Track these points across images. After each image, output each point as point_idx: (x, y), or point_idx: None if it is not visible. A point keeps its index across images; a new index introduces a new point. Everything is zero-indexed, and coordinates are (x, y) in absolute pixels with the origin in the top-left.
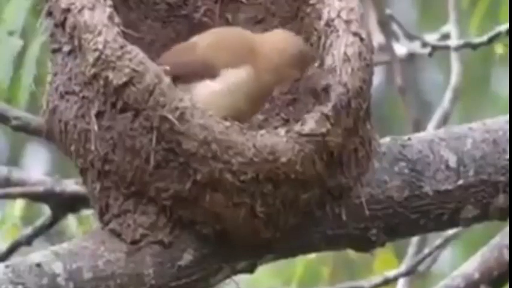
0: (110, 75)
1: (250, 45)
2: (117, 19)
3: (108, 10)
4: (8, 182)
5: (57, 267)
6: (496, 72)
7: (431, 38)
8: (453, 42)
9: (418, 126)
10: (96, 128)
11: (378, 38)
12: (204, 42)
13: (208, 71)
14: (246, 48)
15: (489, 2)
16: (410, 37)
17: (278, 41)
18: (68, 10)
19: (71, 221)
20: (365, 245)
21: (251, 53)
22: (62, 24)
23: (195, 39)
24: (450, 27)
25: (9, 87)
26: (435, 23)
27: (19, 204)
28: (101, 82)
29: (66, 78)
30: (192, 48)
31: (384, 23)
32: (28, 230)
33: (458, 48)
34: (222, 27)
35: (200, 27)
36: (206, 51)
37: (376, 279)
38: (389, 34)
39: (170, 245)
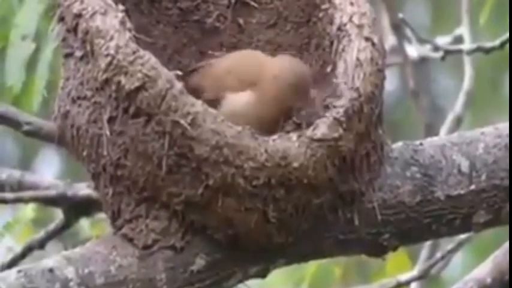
0: (122, 80)
1: (259, 72)
2: (129, 24)
3: (120, 15)
4: (20, 186)
5: (70, 272)
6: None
7: (444, 41)
8: (466, 46)
9: (430, 131)
10: (108, 133)
11: (390, 41)
12: (217, 69)
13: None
14: (254, 75)
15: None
16: (423, 41)
17: (277, 68)
18: (80, 15)
19: (83, 223)
20: (377, 250)
21: (257, 80)
22: (74, 30)
23: (213, 63)
24: (463, 31)
25: (22, 91)
26: (448, 26)
27: (31, 207)
28: (113, 87)
29: (78, 83)
30: (207, 74)
31: (397, 26)
32: (41, 234)
33: (470, 52)
34: (241, 51)
35: (212, 32)
36: (217, 78)
37: (389, 283)
38: (401, 38)
39: (182, 250)
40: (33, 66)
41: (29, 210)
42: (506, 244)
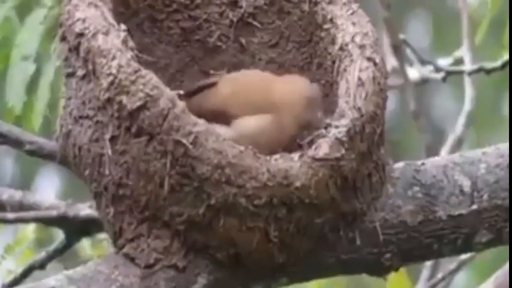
0: (124, 99)
1: (271, 94)
2: (131, 43)
3: (122, 34)
4: (21, 206)
5: None
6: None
7: (445, 62)
8: (467, 67)
9: (431, 151)
10: (110, 152)
11: (391, 62)
12: (225, 90)
13: (222, 120)
14: (264, 96)
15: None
16: (424, 62)
17: (289, 87)
18: (81, 35)
19: (84, 243)
20: (379, 269)
21: (268, 101)
22: (75, 49)
23: (219, 83)
24: (463, 52)
25: (23, 111)
26: (448, 48)
27: (32, 228)
28: (115, 106)
29: (80, 102)
30: (213, 95)
31: (397, 47)
32: (41, 254)
33: (471, 73)
34: (244, 72)
35: (214, 52)
36: (225, 100)
37: None
38: (402, 59)
39: (184, 269)
40: (34, 86)
41: (29, 232)
42: (508, 264)
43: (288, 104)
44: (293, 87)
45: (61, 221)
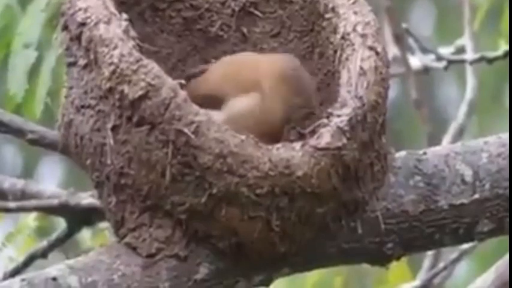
0: (126, 89)
1: (257, 73)
2: (132, 33)
3: (124, 24)
4: (23, 195)
5: (73, 281)
6: None
7: (447, 51)
8: (468, 56)
9: (433, 140)
10: (112, 141)
11: (392, 51)
12: (213, 75)
13: (215, 104)
14: (252, 76)
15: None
16: (426, 51)
17: (276, 65)
18: (83, 24)
19: (85, 233)
20: (381, 259)
21: (257, 81)
22: (77, 38)
23: (209, 69)
24: (465, 41)
25: (24, 99)
26: (450, 37)
27: (33, 217)
28: (117, 96)
29: (82, 91)
30: (202, 81)
31: (399, 37)
32: (43, 243)
33: (473, 62)
34: (232, 56)
35: (216, 41)
36: (214, 85)
37: None
38: (404, 47)
39: (186, 259)
40: (36, 74)
41: (30, 220)
42: (509, 254)
43: (270, 84)
44: (272, 66)
45: (63, 210)
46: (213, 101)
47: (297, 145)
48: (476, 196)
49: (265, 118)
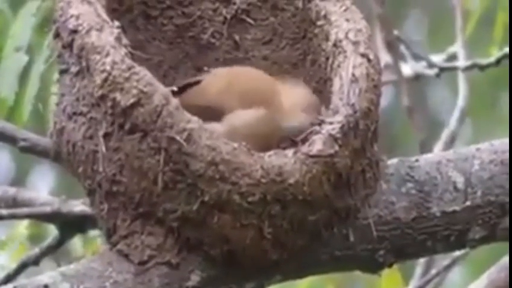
0: (118, 96)
1: (265, 92)
2: (124, 40)
3: (116, 31)
4: (15, 202)
5: None
6: (504, 92)
7: (439, 58)
8: (461, 63)
9: (425, 147)
10: (104, 149)
11: (384, 58)
12: (214, 87)
13: (214, 117)
14: (259, 94)
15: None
16: (418, 58)
17: (301, 93)
18: (75, 31)
19: (76, 241)
20: (373, 266)
21: (264, 99)
22: (69, 46)
23: (207, 79)
24: (457, 48)
25: (14, 102)
26: (442, 44)
27: (25, 224)
28: (109, 103)
29: (74, 99)
30: (202, 92)
31: (391, 44)
32: (35, 251)
33: (465, 69)
34: (235, 68)
35: (208, 49)
36: (215, 96)
37: None
38: (396, 55)
39: (178, 266)
40: (26, 78)
41: (22, 228)
42: (502, 261)
43: (292, 104)
44: (299, 91)
45: (55, 217)
46: (212, 113)
47: (289, 152)
48: (468, 203)
49: (269, 135)
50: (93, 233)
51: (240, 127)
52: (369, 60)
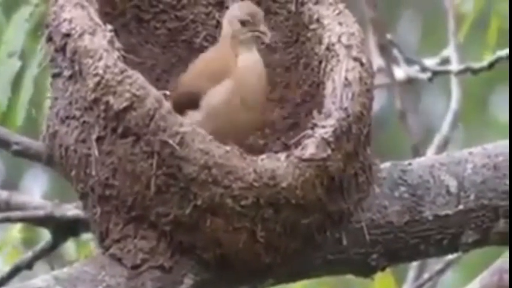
0: (111, 99)
1: (227, 61)
2: (117, 44)
3: (109, 35)
4: (8, 206)
5: None
6: (496, 96)
7: (432, 62)
8: (453, 67)
9: (417, 151)
10: (96, 152)
11: (377, 62)
12: (187, 74)
13: (192, 102)
14: (223, 65)
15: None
16: (410, 62)
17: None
18: (68, 35)
19: (69, 245)
20: (365, 270)
21: (227, 68)
22: (62, 49)
23: (184, 73)
24: (450, 52)
25: (7, 107)
26: (435, 48)
27: (18, 228)
28: (102, 107)
29: (67, 102)
30: (180, 82)
31: (384, 47)
32: (28, 254)
33: (458, 73)
34: (201, 55)
35: (201, 52)
36: (189, 81)
37: None
38: (389, 59)
39: (171, 270)
40: (19, 83)
41: (15, 232)
42: (494, 265)
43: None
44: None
45: (48, 221)
46: (190, 98)
47: (282, 156)
48: (461, 207)
49: (244, 101)
50: (86, 236)
51: (216, 104)
52: (361, 64)
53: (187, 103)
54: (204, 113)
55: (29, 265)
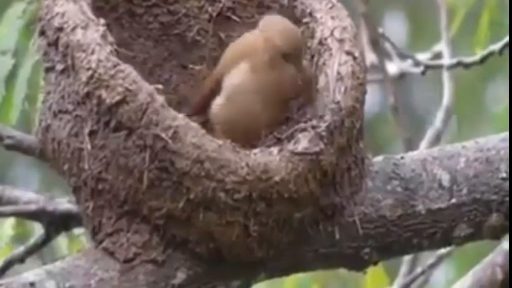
0: (103, 94)
1: (249, 42)
2: (110, 38)
3: (101, 29)
4: (0, 200)
5: (50, 286)
6: (490, 90)
7: (423, 57)
8: (445, 61)
9: (410, 145)
10: (89, 147)
11: (369, 57)
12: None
13: (219, 87)
14: (244, 47)
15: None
16: (403, 56)
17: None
18: (60, 29)
19: (61, 239)
20: (358, 264)
21: (248, 50)
22: (54, 43)
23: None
24: (442, 47)
25: (1, 105)
26: (425, 43)
27: (10, 222)
28: (94, 101)
29: (59, 97)
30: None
31: (376, 42)
32: (20, 249)
33: (450, 68)
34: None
35: (193, 46)
36: (218, 69)
37: None
38: (381, 53)
39: (163, 264)
40: (12, 81)
41: (7, 226)
42: (487, 259)
43: (264, 49)
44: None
45: (40, 215)
46: (217, 84)
47: (275, 150)
48: (454, 201)
49: (261, 81)
50: (79, 230)
51: (234, 91)
52: (354, 58)
53: (216, 89)
54: (224, 98)
55: (21, 259)
